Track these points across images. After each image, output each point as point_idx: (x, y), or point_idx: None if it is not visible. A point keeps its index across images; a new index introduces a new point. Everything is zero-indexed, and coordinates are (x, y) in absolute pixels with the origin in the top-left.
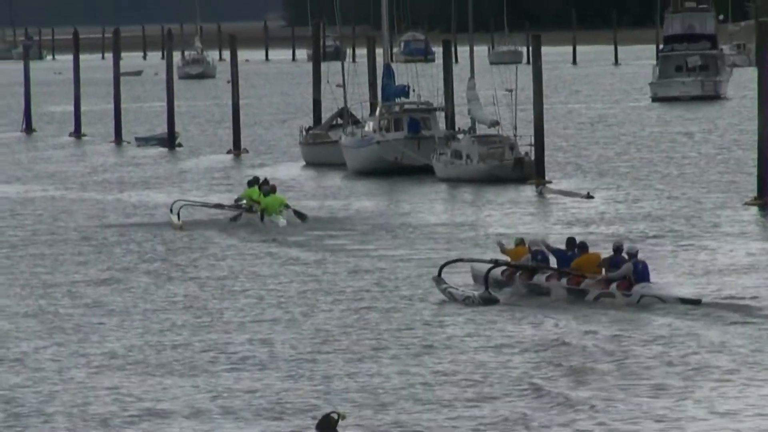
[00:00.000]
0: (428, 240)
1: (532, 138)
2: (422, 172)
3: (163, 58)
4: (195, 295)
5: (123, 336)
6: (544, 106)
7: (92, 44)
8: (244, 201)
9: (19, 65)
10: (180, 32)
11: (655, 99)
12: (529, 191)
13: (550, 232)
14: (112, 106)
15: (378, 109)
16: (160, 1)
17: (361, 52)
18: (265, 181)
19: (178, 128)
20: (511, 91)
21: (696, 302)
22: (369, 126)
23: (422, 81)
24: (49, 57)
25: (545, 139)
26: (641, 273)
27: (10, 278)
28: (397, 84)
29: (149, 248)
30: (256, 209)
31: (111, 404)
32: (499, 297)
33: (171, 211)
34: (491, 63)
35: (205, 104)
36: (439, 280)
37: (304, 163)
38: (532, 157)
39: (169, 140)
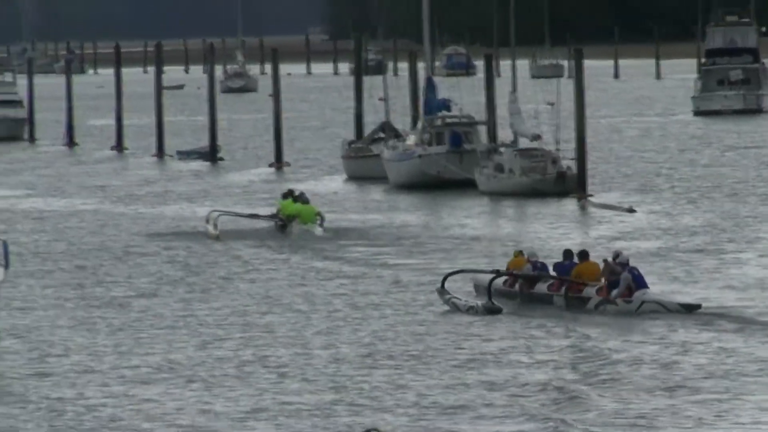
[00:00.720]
0: (470, 254)
1: (574, 152)
2: (464, 186)
3: (205, 72)
4: (237, 308)
5: (167, 348)
6: (586, 120)
7: (134, 58)
8: (277, 211)
9: (61, 79)
10: (222, 46)
11: (697, 113)
12: (571, 205)
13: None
14: (154, 119)
15: (420, 123)
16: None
17: (403, 65)
18: (301, 193)
19: (220, 142)
20: (552, 104)
21: (696, 307)
22: (411, 140)
23: (464, 95)
24: (91, 71)
25: (587, 153)
26: (638, 279)
27: (54, 291)
28: (439, 98)
29: (191, 261)
30: (288, 221)
31: (155, 417)
32: (502, 307)
33: (207, 221)
34: (533, 77)
35: (247, 118)
36: (442, 291)
37: (345, 176)
38: (574, 171)
39: (211, 154)
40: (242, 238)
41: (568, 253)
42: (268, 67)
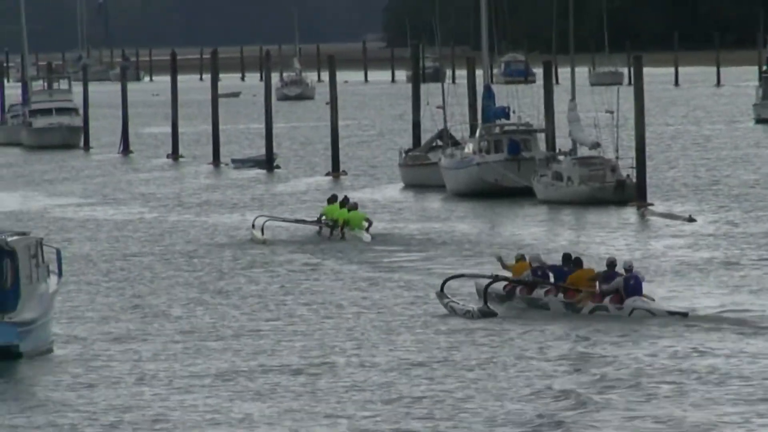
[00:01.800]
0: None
1: (634, 160)
2: (522, 194)
3: (261, 79)
4: (294, 316)
5: (221, 357)
6: (646, 128)
7: (190, 65)
8: (324, 217)
9: (117, 86)
10: (278, 53)
11: (759, 120)
12: (630, 214)
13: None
14: (209, 127)
15: (478, 131)
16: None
17: (461, 73)
18: (345, 198)
19: (276, 150)
20: (612, 112)
21: (683, 315)
22: (469, 147)
23: (522, 102)
24: (147, 78)
25: (647, 162)
26: (633, 287)
27: (108, 300)
28: (497, 105)
29: (247, 270)
30: (337, 226)
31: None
32: (497, 311)
33: (253, 226)
34: (592, 84)
35: (304, 126)
36: (441, 294)
37: (403, 184)
38: (634, 180)
39: (267, 162)
40: (290, 243)
41: (566, 258)
42: (324, 75)
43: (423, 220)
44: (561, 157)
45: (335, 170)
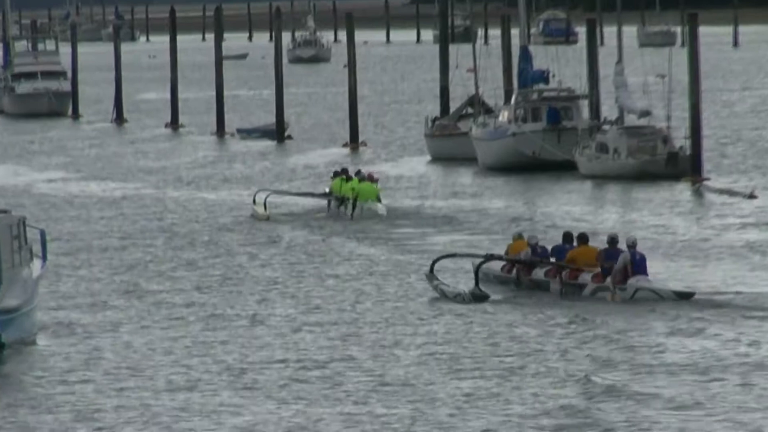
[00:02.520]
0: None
1: (688, 130)
2: (563, 168)
3: (271, 39)
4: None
5: (220, 348)
6: (702, 94)
7: (191, 24)
8: (330, 191)
9: (109, 47)
10: (290, 10)
11: None
12: (684, 190)
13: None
14: (213, 93)
15: (513, 97)
16: None
17: (495, 32)
18: (358, 172)
19: (287, 119)
20: (663, 76)
21: (689, 296)
22: (503, 116)
23: (563, 65)
24: (143, 38)
25: (702, 131)
26: (638, 264)
27: (98, 287)
28: (534, 69)
29: (250, 252)
30: (346, 201)
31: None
32: (489, 293)
33: (254, 202)
34: (641, 45)
35: (318, 92)
36: (431, 276)
37: (429, 157)
38: (688, 152)
39: (278, 132)
40: (297, 220)
41: (567, 236)
42: (342, 35)
43: (451, 197)
44: (606, 127)
45: (353, 141)
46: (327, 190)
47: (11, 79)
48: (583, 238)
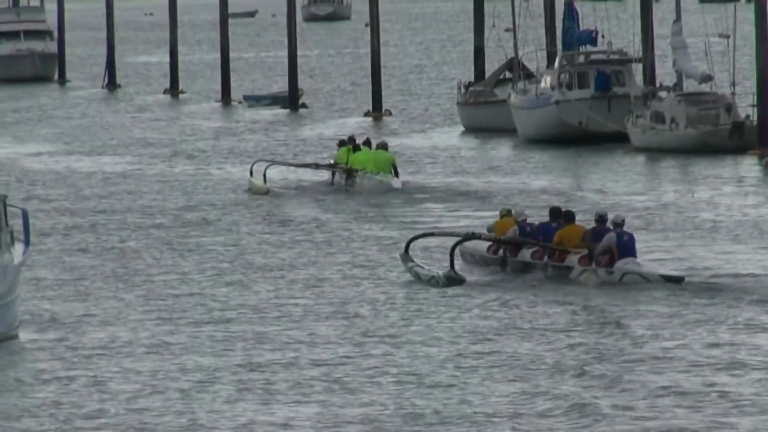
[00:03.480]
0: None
1: (755, 96)
2: (613, 141)
3: None
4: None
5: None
6: None
7: None
8: (335, 162)
9: (100, 4)
10: None
11: None
12: (749, 164)
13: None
14: (217, 56)
15: (557, 60)
16: None
17: None
18: (367, 141)
19: (301, 84)
20: (727, 36)
21: (679, 280)
22: (546, 81)
23: (613, 24)
24: None
25: None
26: (625, 246)
27: (87, 274)
28: (581, 28)
29: (257, 231)
30: (353, 173)
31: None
32: (464, 276)
33: (251, 173)
34: (701, 1)
35: (337, 53)
36: (405, 257)
37: (462, 128)
38: (754, 121)
39: (290, 100)
40: (302, 195)
41: (555, 212)
42: None
43: (486, 172)
44: (662, 94)
45: (376, 109)
46: (331, 161)
47: None
48: (570, 217)
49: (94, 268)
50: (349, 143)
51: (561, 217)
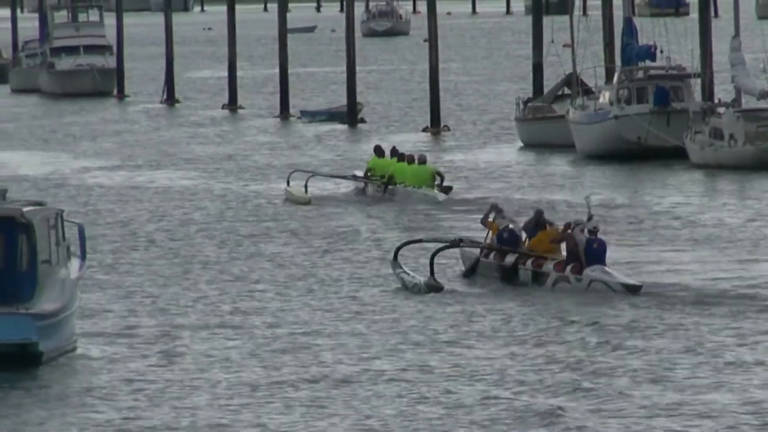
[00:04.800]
0: (679, 242)
1: None
2: (672, 156)
3: (341, 10)
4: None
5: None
6: None
7: None
8: (370, 172)
9: (159, 19)
10: None
11: None
12: None
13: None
14: (276, 71)
15: (616, 76)
16: None
17: (595, 3)
18: (393, 150)
19: (360, 99)
20: None
21: (636, 288)
22: (604, 97)
23: (672, 40)
24: (197, 8)
25: None
26: (595, 252)
27: (146, 291)
28: (640, 44)
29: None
30: (392, 183)
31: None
32: (443, 284)
33: (288, 183)
34: (759, 17)
35: (395, 69)
36: (395, 263)
37: (521, 143)
38: None
39: (349, 115)
40: (345, 205)
41: (538, 216)
42: (422, 5)
43: (545, 187)
44: (721, 110)
45: (434, 125)
46: (365, 171)
47: (50, 53)
48: (540, 222)
49: (150, 282)
50: (382, 153)
51: (540, 220)
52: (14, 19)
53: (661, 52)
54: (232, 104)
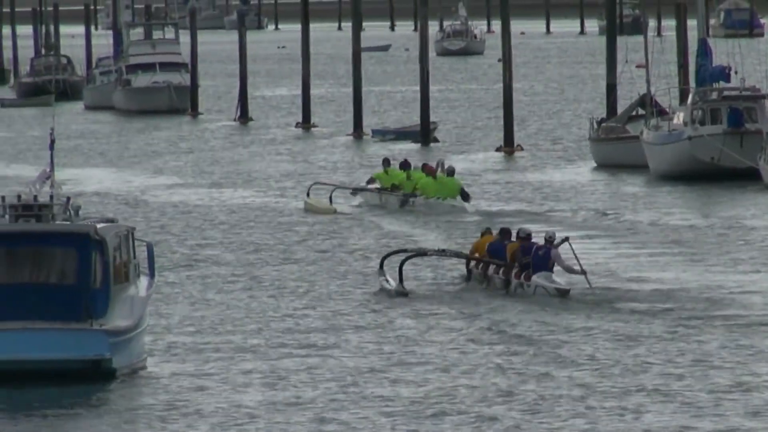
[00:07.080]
0: (755, 263)
1: None
2: (745, 177)
3: (415, 29)
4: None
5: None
6: None
7: (326, 11)
8: (377, 183)
9: (233, 36)
10: None
11: None
12: None
13: None
14: (350, 89)
15: (690, 97)
16: None
17: (669, 23)
18: (405, 162)
19: (434, 118)
20: None
21: (565, 292)
22: (678, 118)
23: (747, 61)
24: (271, 26)
25: None
26: (541, 259)
27: (217, 310)
28: (714, 65)
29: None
30: (413, 195)
31: None
32: (408, 291)
33: (308, 194)
34: None
35: (469, 88)
36: (380, 272)
37: (594, 163)
38: None
39: (422, 133)
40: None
41: (504, 232)
42: (496, 24)
43: (619, 207)
44: None
45: (508, 145)
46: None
47: (126, 70)
48: (507, 234)
49: (220, 300)
50: (389, 165)
51: (510, 236)
52: (88, 36)
53: (735, 73)
54: (306, 122)
